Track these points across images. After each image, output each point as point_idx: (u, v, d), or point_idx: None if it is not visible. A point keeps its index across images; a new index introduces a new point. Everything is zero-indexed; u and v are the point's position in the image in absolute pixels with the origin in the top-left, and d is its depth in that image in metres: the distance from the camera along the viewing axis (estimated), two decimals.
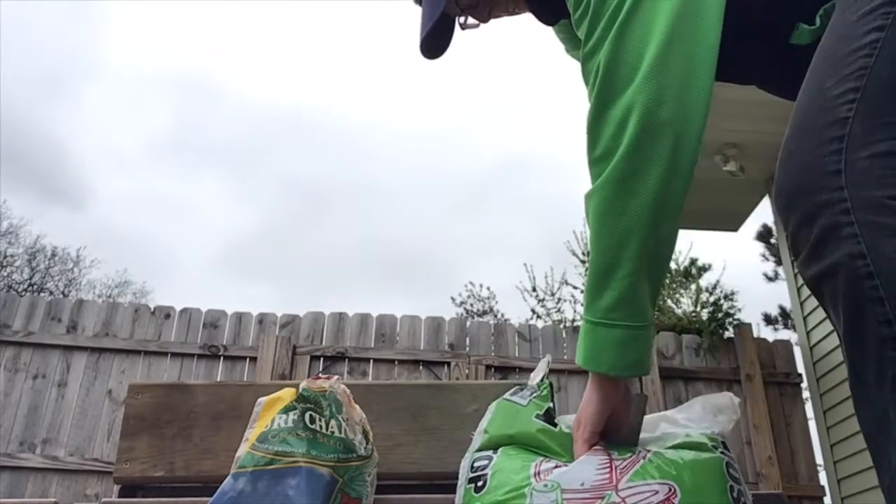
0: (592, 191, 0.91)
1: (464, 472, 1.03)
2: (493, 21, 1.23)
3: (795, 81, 0.88)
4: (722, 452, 0.97)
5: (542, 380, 1.14)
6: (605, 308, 0.90)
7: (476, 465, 1.02)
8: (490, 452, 1.03)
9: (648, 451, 0.96)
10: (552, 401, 1.10)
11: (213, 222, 31.39)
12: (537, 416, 1.09)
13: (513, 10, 1.20)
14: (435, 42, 1.20)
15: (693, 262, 6.56)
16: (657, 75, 0.89)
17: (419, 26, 1.18)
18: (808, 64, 0.87)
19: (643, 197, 0.88)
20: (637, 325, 0.91)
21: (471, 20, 1.20)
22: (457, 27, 1.22)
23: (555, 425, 1.05)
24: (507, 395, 1.12)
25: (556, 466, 0.96)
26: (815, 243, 0.76)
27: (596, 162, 0.92)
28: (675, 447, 0.96)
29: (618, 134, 0.88)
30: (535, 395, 1.11)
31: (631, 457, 0.93)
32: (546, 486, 0.91)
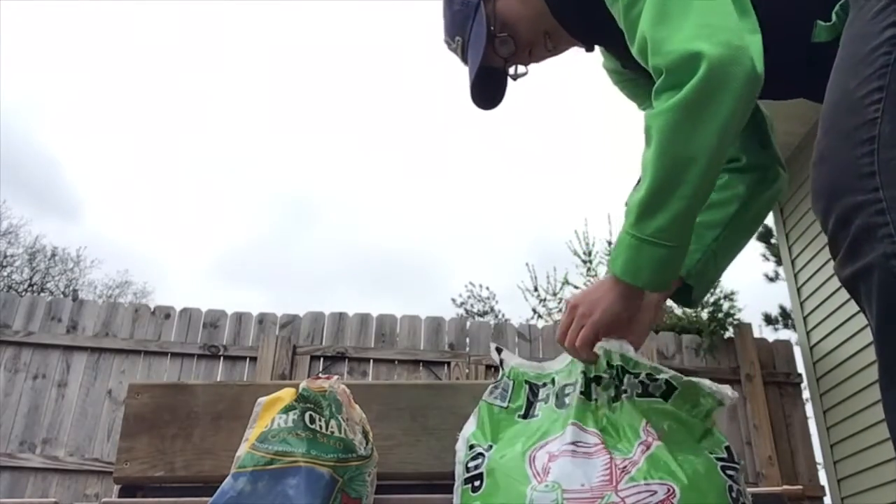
0: (660, 111, 0.92)
1: (459, 473, 1.04)
2: (537, 64, 1.24)
3: (822, 81, 0.88)
4: (718, 457, 0.97)
5: (507, 373, 1.15)
6: (656, 227, 0.93)
7: (470, 464, 1.02)
8: (483, 450, 1.03)
9: (651, 440, 0.96)
10: (529, 390, 1.12)
11: (201, 233, 31.49)
12: (519, 416, 1.10)
13: (552, 49, 1.21)
14: (486, 93, 1.23)
15: None
16: (717, 10, 0.92)
17: (468, 80, 1.20)
18: (831, 62, 0.87)
19: (714, 123, 0.89)
20: (680, 246, 0.95)
21: (520, 69, 1.22)
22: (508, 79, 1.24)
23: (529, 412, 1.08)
24: (486, 397, 1.13)
25: (550, 457, 0.96)
26: (851, 244, 0.76)
27: (665, 85, 0.92)
28: (674, 443, 0.96)
29: (693, 59, 0.89)
30: (510, 391, 1.12)
31: (631, 455, 0.93)
32: (547, 486, 0.91)
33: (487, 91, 1.23)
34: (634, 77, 1.28)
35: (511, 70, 1.23)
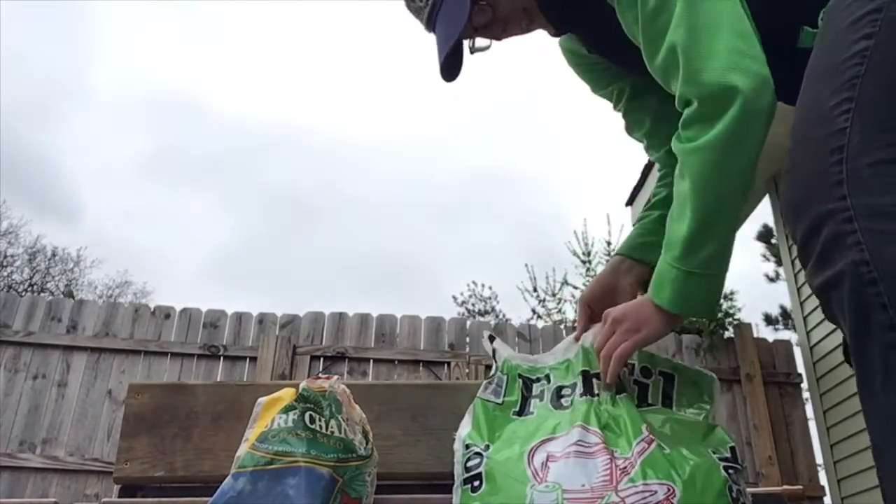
0: (696, 148, 0.93)
1: (458, 473, 1.04)
2: (504, 41, 1.21)
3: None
4: (721, 457, 0.97)
5: (500, 366, 1.15)
6: (701, 259, 0.96)
7: (469, 464, 1.02)
8: (480, 450, 1.03)
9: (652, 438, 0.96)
10: (522, 385, 1.12)
11: (199, 236, 31.46)
12: (514, 413, 1.10)
13: (526, 27, 1.19)
14: (452, 64, 1.19)
15: None
16: (743, 34, 0.93)
17: (437, 50, 1.16)
18: None
19: (748, 155, 0.92)
20: (723, 272, 0.98)
21: (480, 43, 1.19)
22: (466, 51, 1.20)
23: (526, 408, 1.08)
24: (481, 393, 1.13)
25: (549, 457, 0.96)
26: (821, 253, 0.77)
27: (697, 116, 0.93)
28: (675, 440, 0.96)
29: (728, 93, 0.90)
30: (504, 387, 1.12)
31: (631, 454, 0.93)
32: (547, 486, 0.91)
33: (453, 62, 1.19)
34: (597, 62, 1.28)
35: (470, 43, 1.18)
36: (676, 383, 1.09)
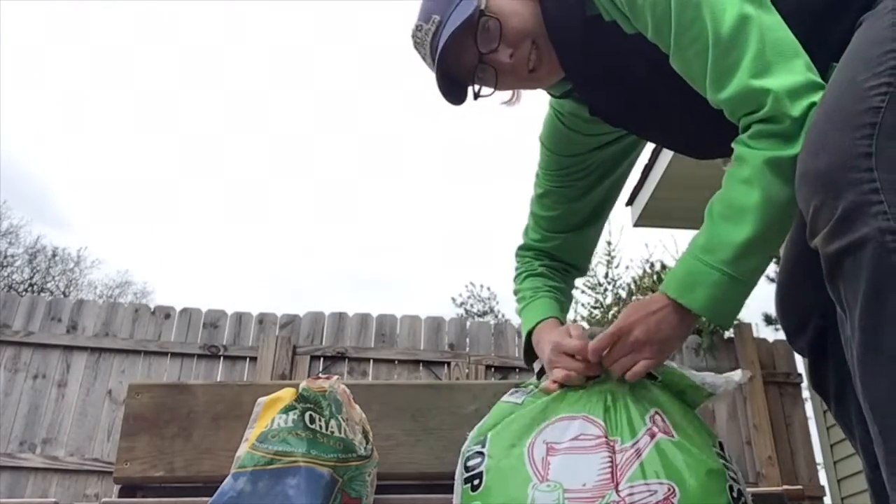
0: (777, 158, 0.92)
1: (458, 472, 1.03)
2: (501, 95, 1.18)
3: None
4: (717, 453, 0.97)
5: (535, 384, 1.15)
6: (751, 267, 0.96)
7: (469, 463, 1.02)
8: (480, 448, 1.02)
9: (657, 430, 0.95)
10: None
11: (199, 236, 31.36)
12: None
13: (532, 68, 1.10)
14: (453, 87, 1.13)
15: None
16: (810, 65, 0.95)
17: (436, 64, 1.10)
18: None
19: None
20: (754, 286, 0.98)
21: (484, 90, 1.14)
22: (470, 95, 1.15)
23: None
24: (505, 398, 1.12)
25: (549, 450, 0.95)
26: (842, 218, 0.78)
27: (774, 135, 0.93)
28: (672, 442, 0.96)
29: (807, 118, 0.90)
30: (531, 392, 1.11)
31: (633, 446, 0.93)
32: (548, 486, 0.91)
33: (454, 86, 1.13)
34: (590, 131, 1.26)
35: (475, 88, 1.12)
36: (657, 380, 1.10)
